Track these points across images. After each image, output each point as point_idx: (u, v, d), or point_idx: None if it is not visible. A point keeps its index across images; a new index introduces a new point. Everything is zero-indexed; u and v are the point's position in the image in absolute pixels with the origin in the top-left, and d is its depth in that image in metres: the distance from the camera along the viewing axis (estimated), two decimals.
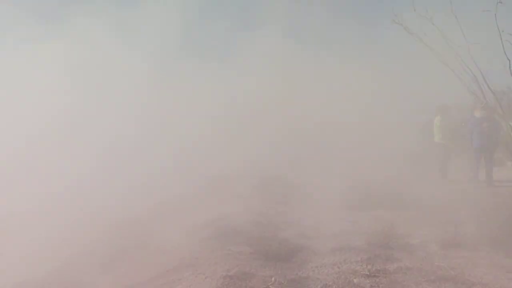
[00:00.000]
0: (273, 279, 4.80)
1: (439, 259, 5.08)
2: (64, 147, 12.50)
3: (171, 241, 6.74)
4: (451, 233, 5.60)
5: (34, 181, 10.42)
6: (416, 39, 12.74)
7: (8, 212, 8.89)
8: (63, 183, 10.42)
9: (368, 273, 4.76)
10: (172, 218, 8.13)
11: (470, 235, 5.68)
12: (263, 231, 6.54)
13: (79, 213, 8.65)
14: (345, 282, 4.46)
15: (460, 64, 10.26)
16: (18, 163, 12.01)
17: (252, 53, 21.34)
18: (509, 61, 7.85)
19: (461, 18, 10.20)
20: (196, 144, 14.47)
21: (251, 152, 13.60)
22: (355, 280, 4.61)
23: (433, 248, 5.49)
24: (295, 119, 16.43)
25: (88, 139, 13.08)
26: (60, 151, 12.35)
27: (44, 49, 17.52)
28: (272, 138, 14.86)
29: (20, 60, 17.59)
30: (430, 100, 13.36)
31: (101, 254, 6.75)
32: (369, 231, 6.31)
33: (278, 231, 6.58)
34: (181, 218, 8.04)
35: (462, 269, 4.71)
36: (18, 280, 5.82)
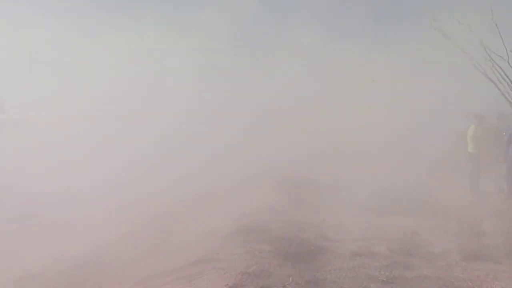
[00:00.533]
0: (290, 279, 4.90)
1: (459, 269, 5.05)
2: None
3: (195, 236, 6.96)
4: (474, 244, 5.53)
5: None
6: (454, 45, 12.51)
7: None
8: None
9: (385, 279, 4.80)
10: (197, 214, 8.38)
11: (493, 248, 5.59)
12: (284, 231, 6.63)
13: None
14: (361, 286, 4.51)
15: (497, 72, 10.04)
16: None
17: (286, 55, 21.48)
18: None
19: (501, 26, 9.97)
20: (231, 141, 14.82)
21: (281, 152, 13.74)
22: (371, 285, 4.65)
23: (454, 258, 5.44)
24: (328, 122, 16.44)
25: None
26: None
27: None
28: (303, 138, 14.95)
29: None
30: (470, 108, 13.07)
31: (132, 244, 7.08)
32: (391, 237, 6.32)
33: (300, 232, 6.66)
34: (205, 214, 8.27)
35: (481, 281, 4.68)
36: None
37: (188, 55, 20.59)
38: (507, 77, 10.11)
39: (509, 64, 9.86)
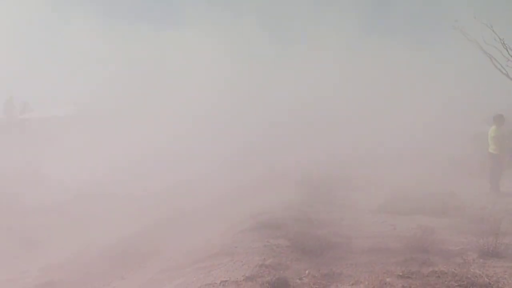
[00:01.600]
0: (307, 272, 5.00)
1: (476, 266, 5.05)
2: None
3: (215, 231, 7.11)
4: (492, 243, 5.51)
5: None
6: (476, 46, 12.43)
7: None
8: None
9: (401, 274, 4.83)
10: (218, 211, 8.54)
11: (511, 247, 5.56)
12: (302, 227, 6.72)
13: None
14: (377, 280, 4.56)
15: None
16: None
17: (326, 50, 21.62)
18: None
19: None
20: (257, 140, 15.06)
21: (305, 151, 13.86)
22: (387, 279, 4.70)
23: (471, 256, 5.43)
24: (353, 123, 16.51)
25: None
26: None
27: None
28: (328, 138, 15.04)
29: None
30: (489, 109, 12.95)
31: (154, 237, 7.29)
32: (408, 235, 6.33)
33: (317, 229, 6.74)
34: (226, 211, 8.43)
35: (498, 277, 4.67)
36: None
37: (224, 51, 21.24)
38: None
39: None
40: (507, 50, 10.96)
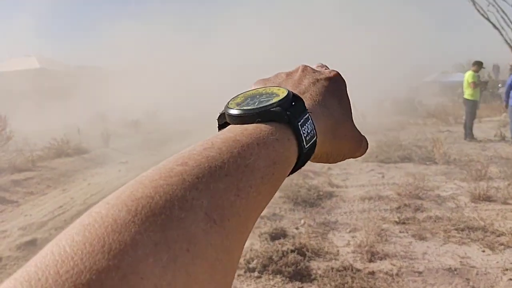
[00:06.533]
0: (302, 221, 4.93)
1: (469, 210, 5.09)
2: None
3: None
4: (482, 187, 5.55)
5: None
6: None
7: None
8: None
9: (397, 220, 4.82)
10: None
11: (500, 190, 5.63)
12: (292, 178, 6.61)
13: None
14: (374, 226, 4.52)
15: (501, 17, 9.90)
16: None
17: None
18: None
19: None
20: None
21: None
22: (384, 226, 4.68)
23: (463, 200, 5.48)
24: None
25: None
26: None
27: None
28: None
29: None
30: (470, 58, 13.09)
31: None
32: (398, 182, 6.34)
33: (307, 179, 6.66)
34: None
35: (491, 220, 4.71)
36: None
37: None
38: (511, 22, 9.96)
39: None
40: None
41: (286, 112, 0.40)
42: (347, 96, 0.50)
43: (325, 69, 0.53)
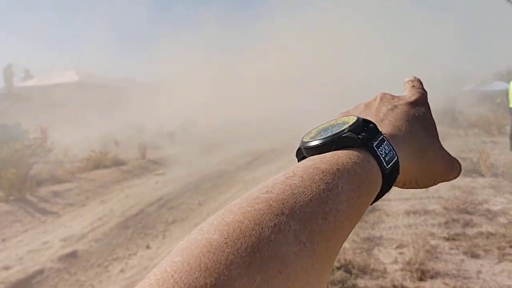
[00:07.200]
0: None
1: None
2: None
3: None
4: None
5: None
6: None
7: None
8: None
9: (446, 236, 4.58)
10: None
11: None
12: None
13: None
14: (423, 242, 4.30)
15: None
16: None
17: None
18: None
19: None
20: None
21: None
22: (432, 242, 4.45)
23: None
24: None
25: None
26: None
27: None
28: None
29: None
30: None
31: (177, 208, 7.05)
32: (444, 196, 6.06)
33: None
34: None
35: None
36: None
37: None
38: None
39: None
40: None
41: (358, 136, 0.40)
42: (431, 118, 0.51)
43: (419, 84, 0.54)
